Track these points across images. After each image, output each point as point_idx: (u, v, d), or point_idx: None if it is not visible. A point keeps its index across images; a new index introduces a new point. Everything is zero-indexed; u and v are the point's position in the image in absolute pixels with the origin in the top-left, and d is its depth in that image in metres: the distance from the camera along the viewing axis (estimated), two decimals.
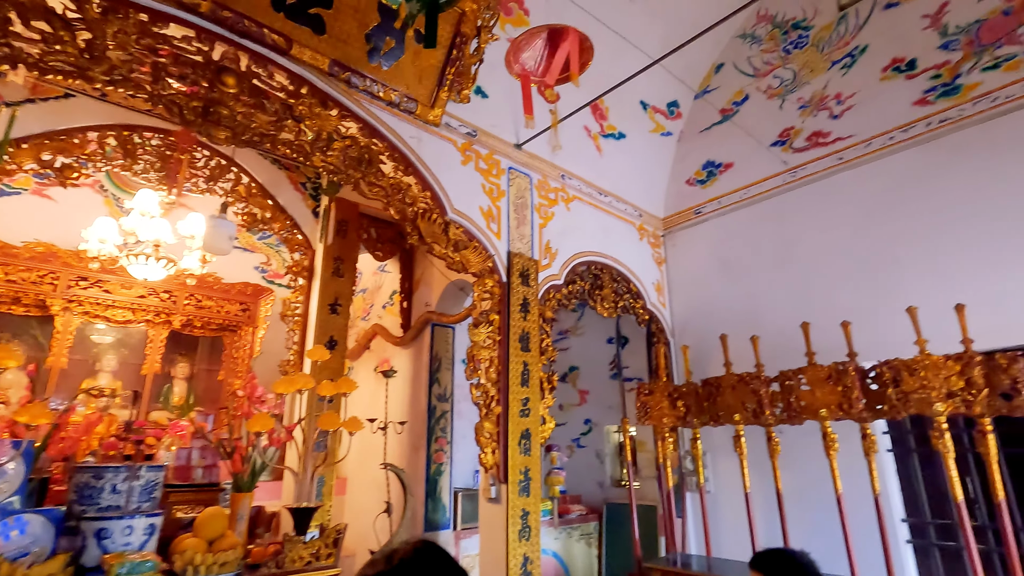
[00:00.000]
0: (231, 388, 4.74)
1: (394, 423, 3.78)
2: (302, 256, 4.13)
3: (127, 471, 2.55)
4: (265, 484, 3.90)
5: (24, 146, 3.10)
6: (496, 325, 3.51)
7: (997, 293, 3.20)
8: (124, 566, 2.09)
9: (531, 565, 3.20)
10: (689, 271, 4.93)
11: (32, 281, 4.40)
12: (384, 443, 4.36)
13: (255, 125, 2.68)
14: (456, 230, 3.42)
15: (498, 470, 3.27)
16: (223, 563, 2.29)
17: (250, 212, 3.99)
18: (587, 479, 5.31)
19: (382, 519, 3.43)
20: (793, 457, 3.75)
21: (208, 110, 2.52)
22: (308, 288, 4.06)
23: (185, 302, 4.74)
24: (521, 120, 3.89)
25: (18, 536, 2.21)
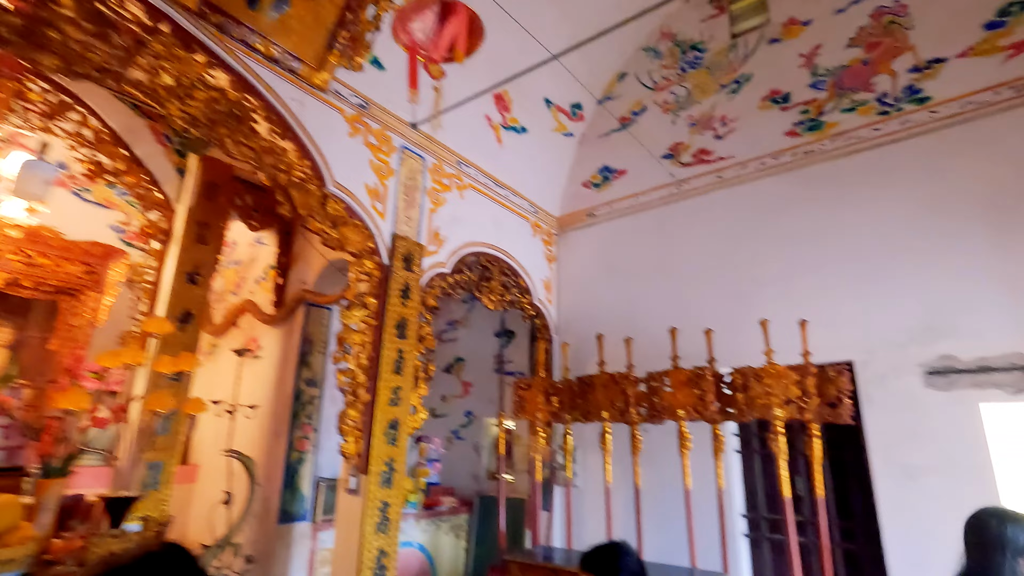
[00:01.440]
0: (64, 360, 4.14)
1: (244, 407, 3.49)
2: (160, 217, 3.68)
3: None
4: (94, 470, 3.45)
5: None
6: (372, 309, 3.35)
7: (832, 313, 3.56)
8: None
9: (387, 559, 3.08)
10: (577, 271, 5.04)
11: None
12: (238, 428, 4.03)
13: (95, 57, 2.32)
14: (336, 205, 3.21)
15: (360, 460, 3.12)
16: (7, 560, 1.96)
17: (95, 161, 3.47)
18: (463, 471, 5.28)
19: (222, 511, 3.14)
20: (656, 455, 3.94)
21: (31, 31, 2.14)
22: (164, 253, 3.63)
23: (11, 257, 4.06)
24: (422, 102, 3.75)
25: None
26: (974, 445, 3.00)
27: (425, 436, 4.52)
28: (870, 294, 3.49)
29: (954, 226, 3.31)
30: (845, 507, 3.54)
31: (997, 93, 3.31)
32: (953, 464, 3.05)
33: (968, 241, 3.25)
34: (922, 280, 3.34)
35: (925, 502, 3.09)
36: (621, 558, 1.76)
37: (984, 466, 2.96)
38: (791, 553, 2.97)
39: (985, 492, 2.92)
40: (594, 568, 1.76)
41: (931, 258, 3.34)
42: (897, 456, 3.22)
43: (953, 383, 3.13)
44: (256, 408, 3.81)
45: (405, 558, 4.29)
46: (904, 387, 3.26)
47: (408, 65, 2.47)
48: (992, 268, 3.15)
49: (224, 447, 4.22)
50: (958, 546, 2.95)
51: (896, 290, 3.41)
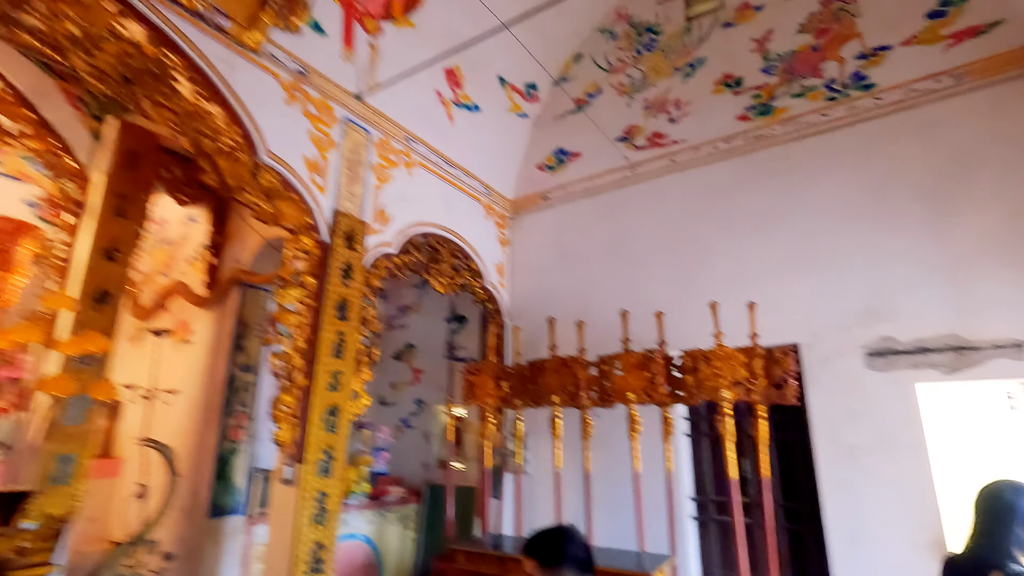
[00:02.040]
0: None
1: (163, 393, 3.23)
2: (74, 187, 3.36)
3: None
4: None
5: None
6: (311, 289, 3.15)
7: (780, 296, 3.58)
8: None
9: (324, 552, 2.92)
10: (531, 255, 4.94)
11: None
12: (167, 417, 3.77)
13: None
14: (270, 176, 2.99)
15: (295, 448, 2.94)
16: None
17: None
18: (413, 460, 5.13)
19: (137, 505, 2.88)
20: (607, 440, 3.90)
21: None
22: (78, 227, 3.31)
23: None
24: (365, 68, 3.55)
25: None
26: (910, 424, 3.07)
27: (368, 423, 4.35)
28: (816, 277, 3.53)
29: (896, 211, 3.37)
30: (791, 488, 3.59)
31: (938, 81, 3.38)
32: (891, 443, 3.11)
33: (909, 225, 3.32)
34: (866, 263, 3.40)
35: (865, 481, 3.15)
36: (566, 543, 1.67)
37: (919, 445, 3.03)
38: (736, 534, 2.97)
39: (920, 470, 2.99)
40: (538, 554, 1.67)
41: (874, 241, 3.39)
42: (840, 436, 3.27)
43: (892, 364, 3.19)
44: (175, 394, 3.55)
45: (349, 551, 4.12)
46: (847, 368, 3.31)
47: (343, 20, 2.29)
48: (931, 252, 3.22)
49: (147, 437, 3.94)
50: (895, 523, 3.05)
51: (841, 273, 3.45)
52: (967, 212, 3.18)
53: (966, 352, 3.00)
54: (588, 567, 1.66)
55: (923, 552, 2.91)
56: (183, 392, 3.84)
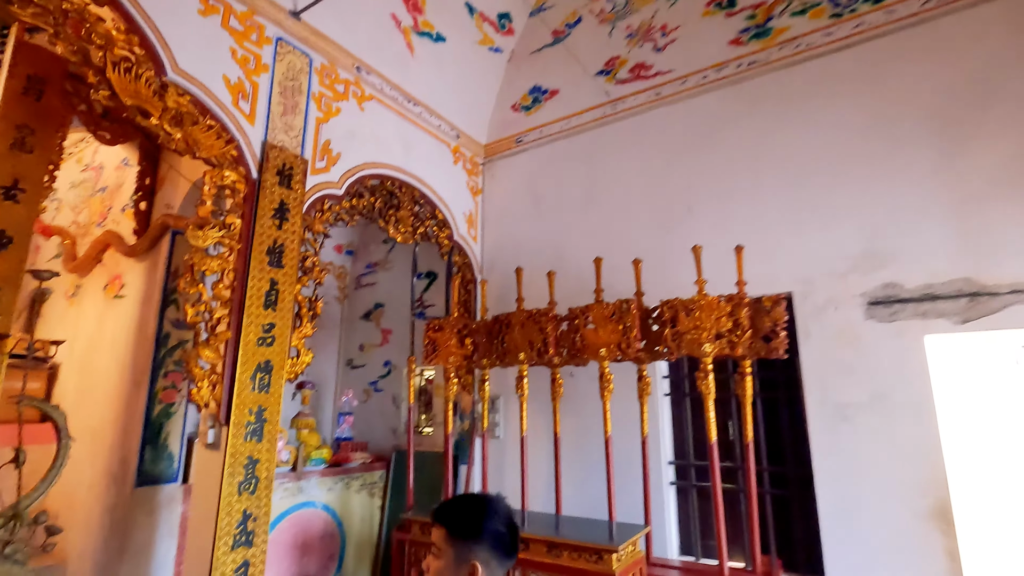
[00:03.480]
0: None
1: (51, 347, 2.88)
2: None
3: None
4: None
5: None
6: (236, 231, 2.77)
7: (770, 241, 3.21)
8: None
9: (254, 523, 2.61)
10: (503, 204, 4.54)
11: None
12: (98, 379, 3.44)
13: None
14: (180, 97, 2.57)
15: (219, 408, 2.60)
16: None
17: None
18: (381, 425, 4.83)
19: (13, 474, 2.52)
20: (580, 401, 3.59)
21: None
22: None
23: None
24: None
25: None
26: (916, 380, 2.73)
27: (308, 382, 4.02)
28: (811, 219, 3.14)
29: (901, 140, 2.96)
30: (779, 451, 3.28)
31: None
32: (892, 401, 2.78)
33: (915, 156, 2.91)
34: (866, 202, 3.01)
35: (859, 443, 2.83)
36: (486, 515, 1.33)
37: (925, 403, 2.69)
38: (716, 501, 2.67)
39: (926, 431, 2.66)
40: (449, 523, 1.34)
41: (876, 176, 3.00)
42: (833, 394, 2.93)
43: (896, 313, 2.83)
44: (58, 345, 3.17)
45: (306, 520, 3.85)
46: (844, 319, 2.96)
47: None
48: (940, 185, 2.83)
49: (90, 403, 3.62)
50: (894, 490, 2.74)
51: (838, 214, 3.07)
52: (982, 141, 2.77)
53: (981, 298, 2.64)
54: (510, 547, 1.33)
55: (924, 522, 2.60)
56: (113, 351, 3.49)
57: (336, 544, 4.08)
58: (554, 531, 2.84)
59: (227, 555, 2.49)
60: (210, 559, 2.44)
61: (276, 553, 3.62)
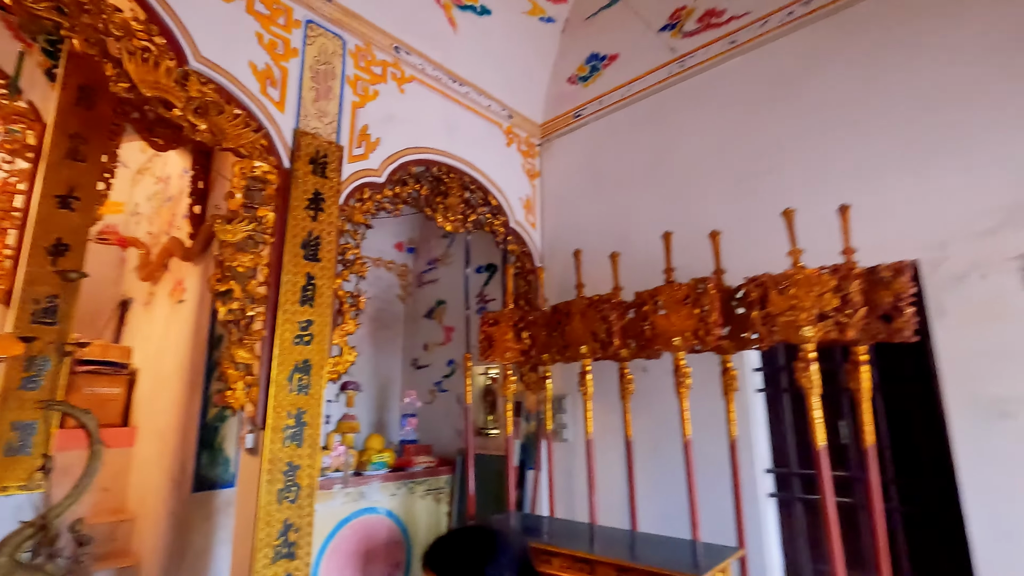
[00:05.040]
0: None
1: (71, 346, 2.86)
2: (24, 130, 3.05)
3: None
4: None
5: None
6: (268, 224, 2.62)
7: (885, 198, 2.60)
8: None
9: (297, 534, 2.44)
10: (562, 185, 4.16)
11: None
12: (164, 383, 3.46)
13: None
14: (203, 86, 2.45)
15: (255, 411, 2.46)
16: None
17: None
18: (446, 427, 4.62)
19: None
20: (658, 399, 3.15)
21: None
22: (32, 173, 3.00)
23: None
24: None
25: None
26: None
27: (352, 382, 3.85)
28: (940, 165, 2.51)
29: None
30: (910, 458, 2.66)
31: None
32: None
33: None
34: (1014, 139, 2.34)
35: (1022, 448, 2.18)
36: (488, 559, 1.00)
37: None
38: (828, 520, 2.15)
39: None
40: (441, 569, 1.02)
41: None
42: (984, 385, 2.30)
43: None
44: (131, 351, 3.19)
45: (368, 526, 3.70)
46: (992, 289, 2.31)
47: None
48: None
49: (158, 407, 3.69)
50: None
51: (979, 155, 2.42)
52: None
53: None
54: None
55: None
56: (176, 355, 3.52)
57: (402, 552, 3.90)
58: (627, 552, 2.44)
59: (267, 568, 2.32)
60: (250, 572, 2.28)
61: (338, 562, 3.48)
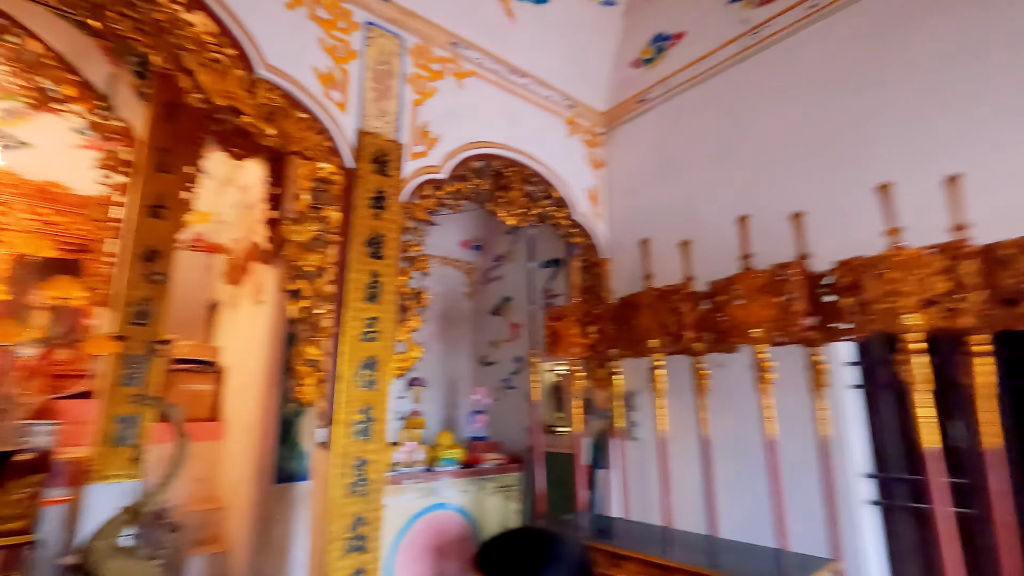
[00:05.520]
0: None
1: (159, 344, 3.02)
2: (123, 148, 3.31)
3: None
4: None
5: None
6: (334, 223, 2.68)
7: (1003, 165, 2.27)
8: None
9: (367, 528, 2.47)
10: (629, 174, 4.00)
11: None
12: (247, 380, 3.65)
13: None
14: (270, 92, 2.54)
15: (325, 407, 2.52)
16: None
17: (38, 87, 3.14)
18: (515, 424, 4.58)
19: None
20: (738, 397, 2.94)
21: None
22: (128, 187, 3.25)
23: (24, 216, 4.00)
24: None
25: None
26: None
27: (418, 378, 3.86)
28: None
29: None
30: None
31: None
32: None
33: None
34: None
35: None
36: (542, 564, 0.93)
37: None
38: (939, 531, 1.89)
39: None
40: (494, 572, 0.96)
41: None
42: None
43: None
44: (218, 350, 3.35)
45: (439, 521, 3.73)
46: None
47: None
48: None
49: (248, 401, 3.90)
50: None
51: None
52: None
53: None
54: None
55: None
56: (258, 353, 3.71)
57: (473, 548, 3.90)
58: (706, 559, 2.28)
59: (340, 560, 2.37)
60: (323, 564, 2.34)
61: (412, 555, 3.54)
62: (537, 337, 4.04)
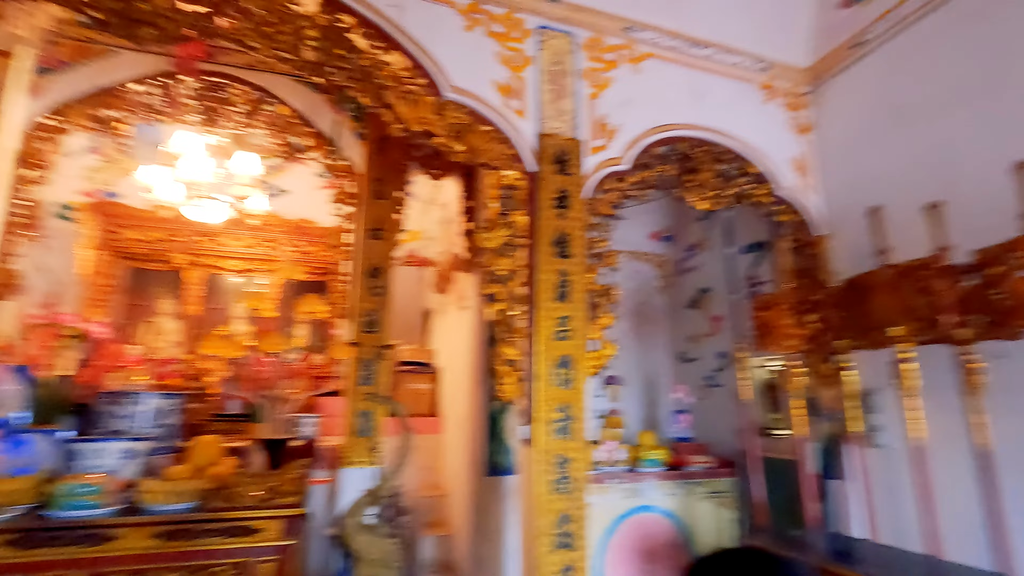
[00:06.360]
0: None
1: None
2: (349, 183, 3.88)
3: (129, 397, 2.58)
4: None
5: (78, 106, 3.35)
6: (521, 227, 2.77)
7: None
8: (62, 486, 2.04)
9: (572, 525, 2.49)
10: (846, 133, 3.40)
11: (160, 240, 5.08)
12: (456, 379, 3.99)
13: (181, 18, 2.38)
14: (457, 112, 2.73)
15: (525, 405, 2.60)
16: (174, 492, 2.13)
17: (287, 142, 3.85)
18: (723, 425, 4.20)
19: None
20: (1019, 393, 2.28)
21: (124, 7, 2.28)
22: (355, 216, 3.81)
23: (287, 248, 4.97)
24: None
25: (22, 453, 2.33)
26: None
27: (615, 376, 3.70)
28: None
29: None
30: None
31: None
32: None
33: None
34: None
35: None
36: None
37: None
38: None
39: None
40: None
41: None
42: None
43: None
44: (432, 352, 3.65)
45: (644, 525, 3.60)
46: None
47: None
48: None
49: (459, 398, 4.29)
50: None
51: None
52: None
53: None
54: None
55: None
56: (465, 355, 4.03)
57: (685, 556, 3.69)
58: None
59: (549, 556, 2.42)
60: (534, 558, 2.42)
61: (620, 557, 3.48)
62: (742, 330, 3.66)
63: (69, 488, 2.02)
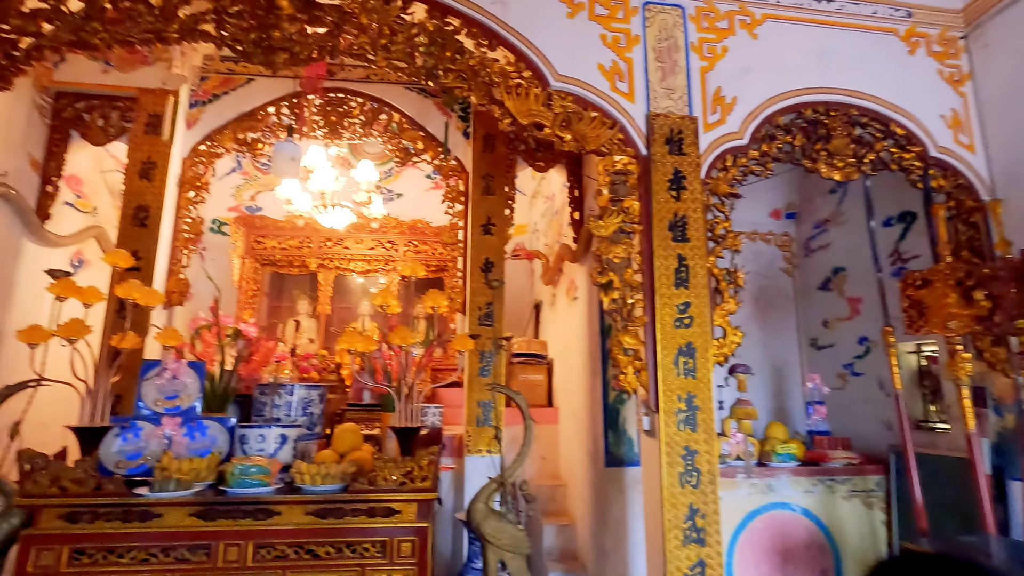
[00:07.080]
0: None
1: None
2: (459, 182, 4.01)
3: (282, 389, 2.87)
4: None
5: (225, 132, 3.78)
6: (634, 213, 2.70)
7: None
8: (237, 466, 2.31)
9: (703, 520, 2.39)
10: (1013, 83, 2.90)
11: (295, 247, 5.60)
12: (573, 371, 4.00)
13: (310, 40, 2.58)
14: (563, 101, 2.71)
15: (647, 395, 2.53)
16: (325, 475, 2.34)
17: (401, 147, 4.04)
18: (867, 417, 3.81)
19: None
20: None
21: (262, 39, 2.52)
22: (466, 212, 3.92)
23: (404, 249, 5.24)
24: None
25: (201, 437, 2.69)
26: None
27: (740, 364, 3.42)
28: None
29: None
30: None
31: None
32: None
33: None
34: None
35: None
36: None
37: None
38: None
39: None
40: None
41: None
42: None
43: None
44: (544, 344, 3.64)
45: (780, 523, 3.37)
46: None
47: None
48: None
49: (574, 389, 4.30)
50: None
51: None
52: None
53: None
54: None
55: None
56: (578, 346, 4.01)
57: (828, 559, 3.40)
58: None
59: (679, 550, 2.35)
60: (662, 552, 2.35)
61: (751, 555, 3.29)
62: (890, 311, 3.27)
63: (242, 468, 2.30)
